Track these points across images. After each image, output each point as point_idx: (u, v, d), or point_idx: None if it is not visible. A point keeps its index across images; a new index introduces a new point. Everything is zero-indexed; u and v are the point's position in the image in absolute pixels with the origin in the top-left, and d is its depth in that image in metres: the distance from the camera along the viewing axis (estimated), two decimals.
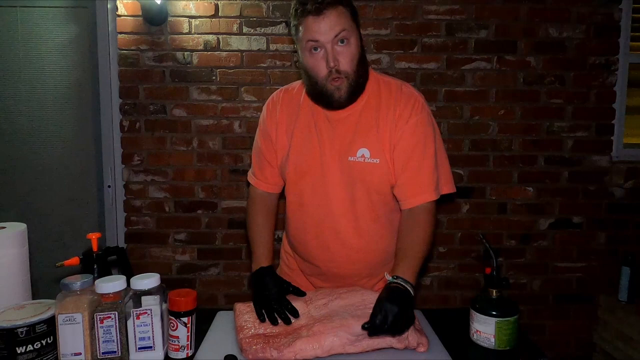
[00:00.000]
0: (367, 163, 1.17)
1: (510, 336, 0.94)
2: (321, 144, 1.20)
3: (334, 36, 1.08)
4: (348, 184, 1.19)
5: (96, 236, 1.17)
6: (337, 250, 1.24)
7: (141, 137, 2.26)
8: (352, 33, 1.10)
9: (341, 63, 1.10)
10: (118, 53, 2.21)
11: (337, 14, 1.08)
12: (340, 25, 1.08)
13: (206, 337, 1.07)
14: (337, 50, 1.09)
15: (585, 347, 2.40)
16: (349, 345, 0.96)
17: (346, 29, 1.08)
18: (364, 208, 1.21)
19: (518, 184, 2.32)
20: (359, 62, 1.13)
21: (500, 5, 2.23)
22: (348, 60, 1.10)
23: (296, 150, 1.23)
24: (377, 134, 1.18)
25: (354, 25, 1.12)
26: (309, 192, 1.23)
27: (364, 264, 1.27)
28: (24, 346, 0.86)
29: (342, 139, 1.19)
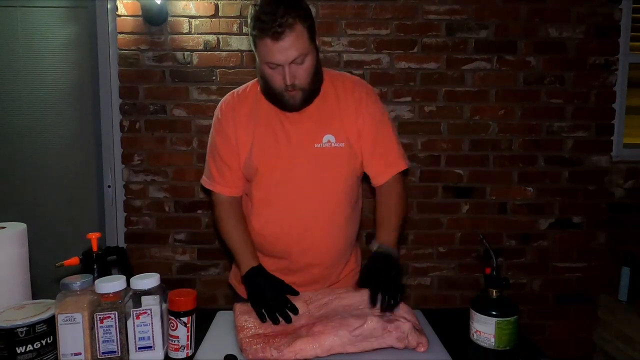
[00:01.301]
0: (333, 147, 1.24)
1: (510, 336, 0.94)
2: (286, 136, 1.24)
3: (291, 60, 1.12)
4: (317, 171, 1.24)
5: (96, 236, 1.17)
6: (310, 240, 1.27)
7: (141, 137, 2.26)
8: (308, 51, 1.14)
9: (297, 79, 1.15)
10: (118, 53, 2.21)
11: (294, 37, 1.10)
12: (297, 50, 1.11)
13: (206, 337, 1.07)
14: (293, 69, 1.13)
15: (585, 347, 2.40)
16: (349, 345, 0.96)
17: (302, 53, 1.12)
18: (333, 195, 1.27)
19: (518, 184, 2.32)
20: (314, 74, 1.18)
21: (500, 5, 2.23)
22: (304, 77, 1.16)
23: (260, 145, 1.26)
24: (340, 121, 1.26)
25: (311, 43, 1.15)
26: (279, 184, 1.25)
27: (335, 252, 1.31)
28: (23, 346, 0.86)
29: (307, 129, 1.24)
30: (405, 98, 2.26)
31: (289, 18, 1.08)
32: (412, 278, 2.35)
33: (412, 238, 2.33)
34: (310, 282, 1.31)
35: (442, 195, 2.32)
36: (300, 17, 1.11)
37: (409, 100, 2.26)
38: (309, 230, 1.26)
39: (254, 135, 1.26)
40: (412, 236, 2.33)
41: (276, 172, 1.24)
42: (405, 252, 2.33)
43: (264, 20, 1.09)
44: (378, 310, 1.03)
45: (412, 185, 2.30)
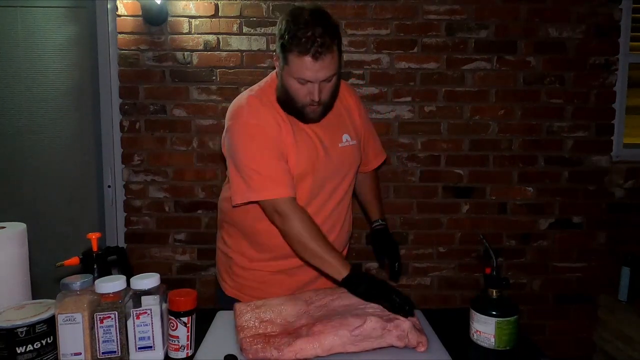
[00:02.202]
0: (351, 145, 1.36)
1: (510, 336, 0.94)
2: (319, 139, 1.29)
3: (324, 79, 1.17)
4: (342, 169, 1.34)
5: (96, 236, 1.17)
6: (334, 234, 1.34)
7: (141, 137, 2.26)
8: (336, 72, 1.20)
9: (323, 96, 1.21)
10: (118, 53, 2.21)
11: (330, 58, 1.15)
12: (331, 70, 1.17)
13: (206, 337, 1.07)
14: (322, 86, 1.19)
15: (585, 347, 2.40)
16: (349, 345, 0.96)
17: (334, 72, 1.18)
18: (348, 189, 1.39)
19: (518, 184, 2.32)
20: (336, 91, 1.26)
21: (500, 5, 2.23)
22: (328, 94, 1.22)
23: (302, 150, 1.26)
24: (350, 120, 1.38)
25: (339, 63, 1.21)
26: (315, 186, 1.29)
27: (342, 241, 1.42)
28: (23, 346, 0.86)
29: (331, 131, 1.32)
30: (405, 98, 2.26)
31: (328, 39, 1.13)
32: (412, 278, 2.35)
33: (412, 238, 2.33)
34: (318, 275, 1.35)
35: (442, 195, 2.32)
36: (336, 38, 1.17)
37: (409, 100, 2.26)
38: (332, 222, 1.34)
39: (295, 140, 1.25)
40: (412, 236, 2.33)
41: (317, 174, 1.28)
42: (405, 252, 2.33)
43: (303, 38, 1.12)
44: (379, 309, 1.03)
45: (412, 185, 2.30)
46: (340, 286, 1.15)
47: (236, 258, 1.40)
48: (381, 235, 1.44)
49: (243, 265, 1.38)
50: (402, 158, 2.29)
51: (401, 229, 2.32)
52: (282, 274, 1.36)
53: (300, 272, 1.35)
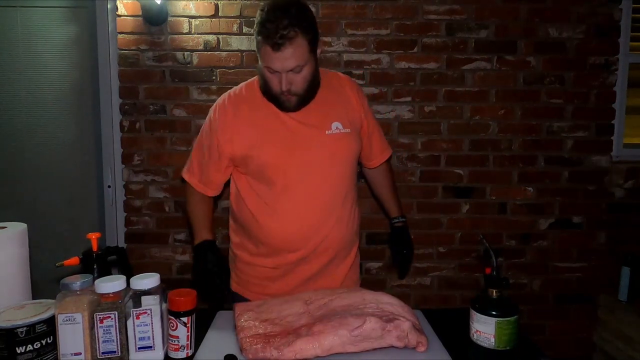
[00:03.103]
0: (342, 133, 1.33)
1: (510, 336, 0.94)
2: (298, 127, 1.29)
3: (288, 70, 1.19)
4: (330, 156, 1.31)
5: (96, 236, 1.17)
6: (329, 224, 1.32)
7: (141, 137, 2.26)
8: (306, 62, 1.21)
9: (293, 86, 1.23)
10: (118, 53, 2.22)
11: (293, 48, 1.16)
12: (295, 61, 1.18)
13: (206, 337, 1.07)
14: (290, 76, 1.21)
15: (585, 347, 2.40)
16: (349, 345, 0.96)
17: (299, 64, 1.19)
18: (344, 178, 1.35)
19: (518, 184, 2.32)
20: (310, 82, 1.25)
21: (500, 5, 2.23)
22: (300, 84, 1.23)
23: (269, 141, 1.29)
24: (344, 109, 1.36)
25: (311, 53, 1.22)
26: (297, 174, 1.29)
27: (346, 237, 1.37)
28: (23, 346, 0.86)
29: (316, 118, 1.31)
30: (405, 98, 2.26)
31: (291, 30, 1.15)
32: (412, 278, 2.35)
33: (412, 238, 2.32)
34: (320, 271, 1.35)
35: (442, 195, 2.32)
36: (303, 29, 1.17)
37: (409, 100, 2.26)
38: (326, 214, 1.31)
39: (257, 132, 1.30)
40: (412, 236, 2.32)
41: (294, 161, 1.29)
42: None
43: (268, 28, 1.15)
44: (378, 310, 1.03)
45: (412, 185, 2.30)
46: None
47: (240, 254, 1.42)
48: (397, 234, 1.53)
49: (246, 261, 1.40)
50: (402, 158, 2.29)
51: None
52: (280, 269, 1.36)
53: (298, 268, 1.35)
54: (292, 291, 1.30)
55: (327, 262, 1.35)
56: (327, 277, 1.36)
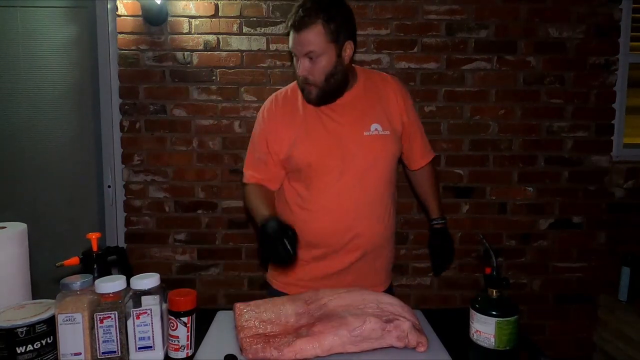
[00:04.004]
0: (381, 135, 1.34)
1: (510, 336, 0.94)
2: (337, 127, 1.32)
3: (304, 54, 1.24)
4: (368, 157, 1.33)
5: (96, 236, 1.17)
6: (363, 223, 1.34)
7: (141, 137, 2.26)
8: (324, 51, 1.23)
9: (309, 75, 1.26)
10: (118, 53, 2.21)
11: (312, 33, 1.22)
12: (311, 46, 1.22)
13: (206, 337, 1.07)
14: (306, 63, 1.25)
15: (585, 347, 2.40)
16: (349, 345, 0.96)
17: (315, 50, 1.23)
18: (382, 179, 1.36)
19: (518, 184, 2.32)
20: (330, 74, 1.27)
21: (500, 5, 2.23)
22: (316, 74, 1.26)
23: (309, 140, 1.32)
24: (384, 111, 1.37)
25: (330, 44, 1.24)
26: (334, 173, 1.31)
27: (381, 236, 1.39)
28: (23, 346, 0.86)
29: (355, 119, 1.33)
30: None
31: (312, 15, 1.21)
32: (412, 278, 2.35)
33: (412, 238, 2.33)
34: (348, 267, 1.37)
35: (442, 195, 2.31)
36: (325, 18, 1.21)
37: None
38: (360, 214, 1.33)
39: (297, 132, 1.34)
40: (412, 236, 2.33)
41: (332, 161, 1.31)
42: (405, 252, 2.33)
43: (295, 10, 1.24)
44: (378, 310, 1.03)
45: None
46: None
47: None
48: (436, 235, 1.54)
49: None
50: None
51: (401, 229, 2.32)
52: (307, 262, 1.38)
53: (324, 262, 1.37)
54: (318, 284, 1.33)
55: (355, 260, 1.37)
56: (354, 274, 1.37)
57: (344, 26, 1.26)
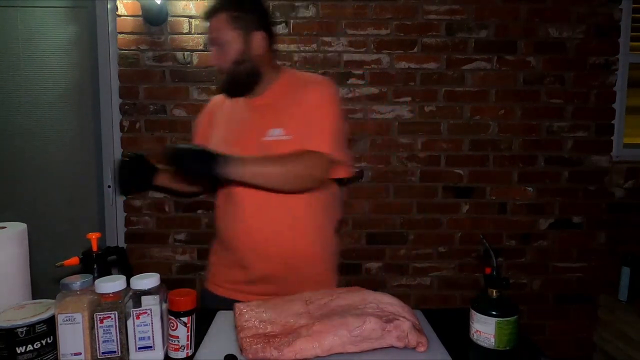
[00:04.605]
0: (281, 140, 1.28)
1: (510, 336, 0.94)
2: (240, 130, 1.33)
3: (212, 40, 1.32)
4: None
5: (96, 236, 1.17)
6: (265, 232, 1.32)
7: (141, 137, 2.26)
8: (230, 38, 1.29)
9: (219, 62, 1.32)
10: (118, 53, 2.22)
11: (218, 21, 1.29)
12: (217, 33, 1.30)
13: (206, 337, 1.07)
14: (216, 51, 1.32)
15: (585, 347, 2.40)
16: (349, 345, 0.96)
17: (221, 37, 1.29)
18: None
19: (518, 184, 2.32)
20: (237, 61, 1.30)
21: (500, 5, 2.23)
22: (224, 61, 1.31)
23: (219, 138, 1.37)
24: (293, 114, 1.31)
25: (235, 30, 1.29)
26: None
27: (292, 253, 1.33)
28: (23, 346, 0.86)
29: (258, 123, 1.33)
30: (405, 98, 2.26)
31: (219, 3, 1.30)
32: (412, 278, 2.35)
33: (412, 238, 2.33)
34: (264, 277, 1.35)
35: (442, 195, 2.32)
36: (229, 6, 1.29)
37: (409, 100, 2.26)
38: (265, 222, 1.32)
39: (212, 128, 1.43)
40: (412, 236, 2.33)
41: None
42: (405, 252, 2.33)
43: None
44: (378, 310, 1.03)
45: (412, 185, 2.30)
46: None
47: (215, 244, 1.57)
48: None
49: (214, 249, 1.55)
50: (402, 158, 2.29)
51: (401, 229, 2.32)
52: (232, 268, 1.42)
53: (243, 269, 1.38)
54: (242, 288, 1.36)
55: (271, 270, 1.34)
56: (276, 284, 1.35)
57: (251, 15, 1.31)
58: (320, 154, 1.25)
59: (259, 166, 1.20)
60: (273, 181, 1.23)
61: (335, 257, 1.46)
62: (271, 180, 1.22)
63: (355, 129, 2.27)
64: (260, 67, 1.34)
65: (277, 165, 1.22)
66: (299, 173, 1.24)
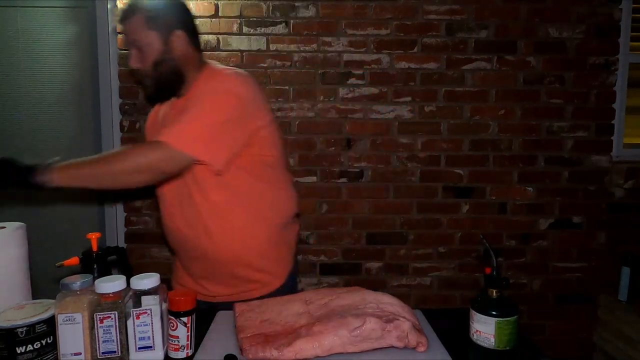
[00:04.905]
0: None
1: (510, 336, 0.94)
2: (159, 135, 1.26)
3: (130, 42, 1.28)
4: None
5: (96, 236, 1.17)
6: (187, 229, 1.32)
7: (141, 137, 2.24)
8: (147, 38, 1.25)
9: (140, 64, 1.28)
10: (118, 53, 2.21)
11: (133, 22, 1.26)
12: (133, 34, 1.26)
13: (206, 337, 1.07)
14: (134, 53, 1.28)
15: (585, 347, 2.40)
16: (349, 345, 0.96)
17: (138, 38, 1.26)
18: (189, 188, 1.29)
19: (518, 184, 2.32)
20: (157, 62, 1.27)
21: (500, 5, 2.23)
22: (144, 62, 1.27)
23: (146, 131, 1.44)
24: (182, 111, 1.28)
25: (151, 30, 1.25)
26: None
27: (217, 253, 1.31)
28: (23, 346, 0.86)
29: (162, 124, 1.35)
30: (405, 98, 2.26)
31: (133, 5, 1.27)
32: (412, 278, 2.35)
33: (412, 238, 2.33)
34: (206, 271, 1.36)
35: (442, 195, 2.32)
36: (143, 6, 1.25)
37: (409, 100, 2.26)
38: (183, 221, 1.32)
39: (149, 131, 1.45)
40: (412, 236, 2.33)
41: None
42: (405, 252, 2.33)
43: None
44: (378, 310, 1.03)
45: (412, 185, 2.30)
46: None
47: None
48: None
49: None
50: (402, 158, 2.29)
51: (401, 229, 2.32)
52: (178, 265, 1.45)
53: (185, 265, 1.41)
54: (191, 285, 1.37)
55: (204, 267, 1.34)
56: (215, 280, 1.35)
57: (168, 15, 1.27)
58: (158, 144, 1.18)
59: (85, 168, 1.16)
60: (102, 181, 1.19)
61: (283, 248, 1.40)
62: (100, 180, 1.19)
63: (355, 129, 2.27)
64: (183, 68, 1.30)
65: (102, 164, 1.18)
66: (126, 168, 1.17)
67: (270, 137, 1.31)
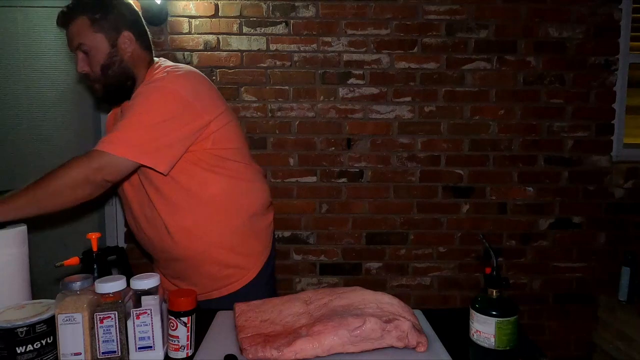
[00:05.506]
0: None
1: (510, 336, 0.94)
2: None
3: (76, 47, 1.23)
4: None
5: (96, 236, 1.17)
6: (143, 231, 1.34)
7: None
8: (93, 41, 1.21)
9: (87, 69, 1.25)
10: None
11: (76, 26, 1.20)
12: (78, 38, 1.21)
13: (206, 337, 1.07)
14: (80, 57, 1.24)
15: (585, 347, 2.40)
16: (349, 345, 0.96)
17: (83, 42, 1.21)
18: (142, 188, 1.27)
19: (518, 184, 2.32)
20: (106, 66, 1.24)
21: (500, 5, 2.23)
22: (93, 67, 1.24)
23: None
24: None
25: (97, 33, 1.21)
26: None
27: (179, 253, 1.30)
28: (23, 346, 0.86)
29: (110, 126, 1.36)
30: (405, 98, 2.26)
31: (74, 8, 1.21)
32: (412, 278, 2.35)
33: (412, 238, 2.33)
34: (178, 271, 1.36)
35: (442, 195, 2.32)
36: (85, 9, 1.20)
37: (409, 100, 2.27)
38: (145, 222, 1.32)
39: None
40: (412, 236, 2.33)
41: None
42: (405, 252, 2.33)
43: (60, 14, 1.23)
44: (378, 310, 1.03)
45: (412, 185, 2.30)
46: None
47: None
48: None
49: None
50: (402, 158, 2.29)
51: (401, 229, 2.32)
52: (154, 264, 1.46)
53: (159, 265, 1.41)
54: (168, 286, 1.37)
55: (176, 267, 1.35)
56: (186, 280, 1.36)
57: (113, 16, 1.22)
58: (94, 153, 1.19)
59: (22, 197, 1.10)
60: (43, 205, 1.14)
61: (253, 240, 1.37)
62: (41, 205, 1.13)
63: (355, 129, 2.27)
64: (133, 69, 1.27)
65: (38, 187, 1.14)
66: (64, 185, 1.17)
67: (224, 131, 1.26)
